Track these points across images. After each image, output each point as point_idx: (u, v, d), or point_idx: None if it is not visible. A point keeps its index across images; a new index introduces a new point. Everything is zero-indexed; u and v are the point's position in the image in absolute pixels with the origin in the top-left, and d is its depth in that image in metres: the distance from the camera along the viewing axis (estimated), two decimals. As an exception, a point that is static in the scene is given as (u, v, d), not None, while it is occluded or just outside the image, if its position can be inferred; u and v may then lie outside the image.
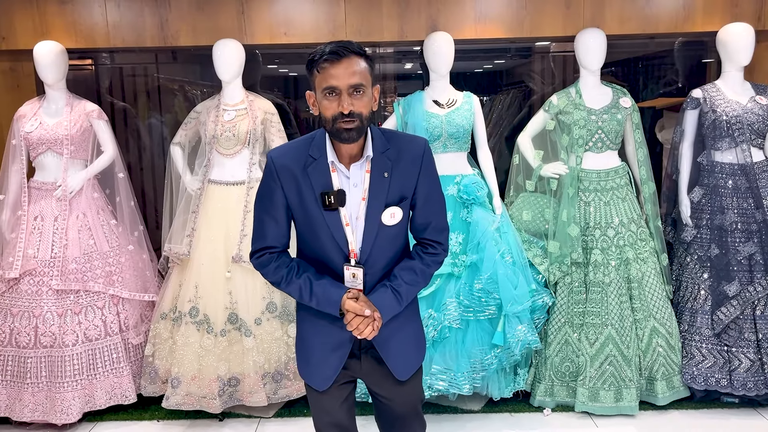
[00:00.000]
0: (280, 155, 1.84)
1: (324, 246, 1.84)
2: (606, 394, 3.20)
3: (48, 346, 3.17)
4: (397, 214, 1.83)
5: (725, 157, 3.28)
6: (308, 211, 1.82)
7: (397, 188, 1.83)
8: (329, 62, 1.71)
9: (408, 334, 1.97)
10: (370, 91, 1.77)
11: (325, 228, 1.81)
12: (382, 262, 1.87)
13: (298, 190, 1.81)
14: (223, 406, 3.17)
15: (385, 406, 2.04)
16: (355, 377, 2.01)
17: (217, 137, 3.31)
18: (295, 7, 3.48)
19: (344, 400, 2.01)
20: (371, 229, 1.82)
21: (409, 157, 1.84)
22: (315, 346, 1.93)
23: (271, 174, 1.83)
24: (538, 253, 3.34)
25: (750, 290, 3.19)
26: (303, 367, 1.98)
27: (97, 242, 3.32)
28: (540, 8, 3.48)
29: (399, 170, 1.83)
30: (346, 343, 1.90)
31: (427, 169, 1.87)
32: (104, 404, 3.24)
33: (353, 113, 1.72)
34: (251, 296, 3.23)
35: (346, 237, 1.83)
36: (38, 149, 3.30)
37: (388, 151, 1.83)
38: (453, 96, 3.36)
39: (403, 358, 1.95)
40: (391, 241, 1.87)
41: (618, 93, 3.39)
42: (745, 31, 3.24)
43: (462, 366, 3.13)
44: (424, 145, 1.87)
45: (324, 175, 1.81)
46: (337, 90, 1.72)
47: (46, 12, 3.49)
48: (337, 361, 1.91)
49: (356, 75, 1.72)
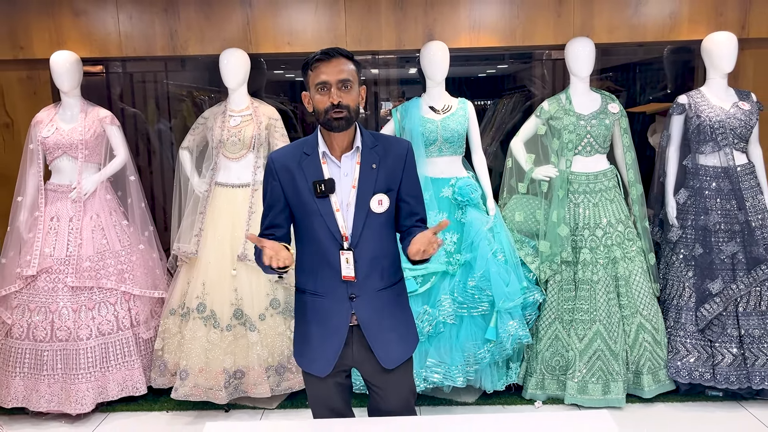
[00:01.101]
0: (278, 156, 2.06)
1: (318, 233, 2.01)
2: (594, 387, 3.34)
3: (63, 340, 3.33)
4: (384, 201, 2.02)
5: (709, 160, 3.41)
6: (303, 200, 2.01)
7: (384, 179, 2.03)
8: (321, 61, 1.95)
9: (397, 322, 2.11)
10: (357, 88, 1.99)
11: (318, 215, 1.99)
12: (370, 249, 2.02)
13: (293, 183, 2.01)
14: (229, 397, 3.32)
15: (378, 396, 2.16)
16: (349, 366, 2.12)
17: (224, 142, 3.47)
18: (298, 18, 3.64)
19: (341, 388, 2.15)
20: (361, 215, 2.00)
21: (395, 155, 2.06)
22: (313, 332, 2.07)
23: (271, 172, 2.05)
24: (529, 252, 3.48)
25: (732, 288, 3.32)
26: (301, 355, 2.12)
27: (110, 242, 3.48)
28: (532, 18, 3.62)
29: (386, 164, 2.04)
30: (342, 329, 2.04)
31: (411, 166, 2.09)
32: (116, 395, 3.39)
33: (341, 104, 1.93)
34: (256, 293, 3.38)
35: (337, 222, 2.00)
36: (54, 153, 3.47)
37: (376, 147, 2.05)
38: (448, 102, 3.51)
39: (388, 347, 2.07)
40: (378, 230, 2.03)
41: (606, 99, 3.53)
42: (729, 40, 3.38)
43: (456, 359, 3.27)
44: (408, 145, 2.11)
45: (316, 167, 2.01)
46: (328, 84, 1.94)
47: (62, 23, 3.67)
48: (336, 345, 2.04)
49: (344, 72, 1.95)
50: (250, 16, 3.64)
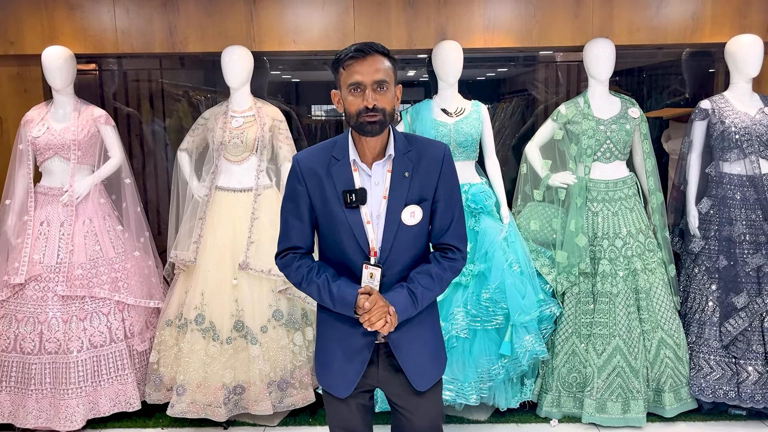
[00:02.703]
0: (304, 158, 1.90)
1: (345, 246, 1.87)
2: (613, 406, 3.18)
3: (53, 353, 3.15)
4: (417, 213, 1.86)
5: (733, 168, 3.28)
6: (331, 210, 1.86)
7: (417, 188, 1.87)
8: (355, 59, 1.79)
9: (427, 343, 1.97)
10: (393, 88, 1.84)
11: (346, 226, 1.85)
12: (400, 263, 1.89)
13: (321, 190, 1.86)
14: (228, 414, 3.15)
15: (404, 419, 2.01)
16: (373, 386, 1.99)
17: (225, 144, 3.30)
18: (305, 15, 3.48)
19: (362, 409, 2.02)
20: (391, 228, 1.86)
21: (430, 160, 1.89)
22: (335, 351, 1.94)
23: (297, 176, 1.89)
24: (545, 262, 3.33)
25: (758, 302, 3.18)
26: (323, 373, 1.98)
27: (103, 248, 3.31)
28: (549, 17, 3.48)
29: (420, 171, 1.87)
30: (366, 349, 1.91)
31: (447, 172, 1.90)
32: (108, 411, 3.22)
33: (377, 108, 1.78)
34: (257, 304, 3.21)
35: (367, 235, 1.86)
36: (45, 154, 3.30)
37: (410, 152, 1.88)
38: (461, 105, 3.36)
39: (421, 368, 1.93)
40: (410, 243, 1.89)
41: (627, 103, 3.38)
42: (754, 43, 3.25)
43: (469, 376, 3.11)
44: (445, 149, 1.92)
45: (346, 175, 1.86)
46: (362, 85, 1.79)
47: (55, 17, 3.49)
48: (358, 366, 1.91)
49: (380, 72, 1.79)
50: (254, 13, 3.48)
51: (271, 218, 3.27)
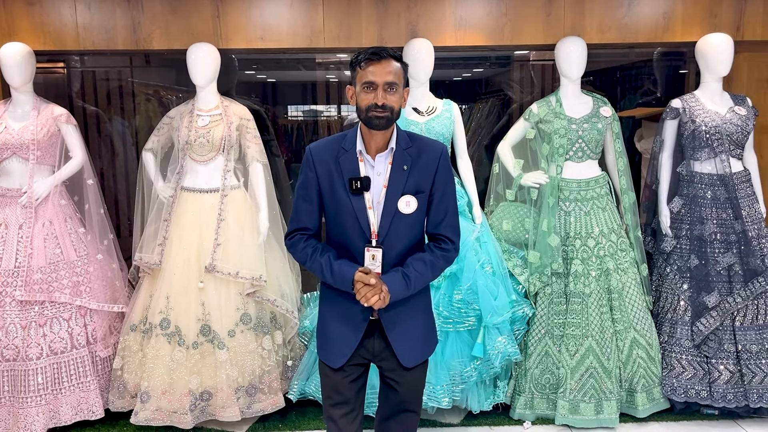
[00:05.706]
0: (317, 148, 2.11)
1: (348, 228, 2.07)
2: (586, 407, 3.16)
3: (11, 360, 3.05)
4: (412, 203, 2.07)
5: (704, 167, 3.27)
6: (337, 195, 2.07)
7: (414, 181, 2.07)
8: (370, 62, 2.01)
9: (418, 325, 2.16)
10: (401, 90, 2.05)
11: (350, 211, 2.06)
12: (397, 247, 2.08)
13: (330, 177, 2.08)
14: (195, 421, 3.06)
15: (391, 389, 2.22)
16: (368, 360, 2.18)
17: (191, 143, 3.22)
18: (273, 12, 3.41)
19: (355, 380, 2.18)
20: (389, 214, 2.06)
21: (429, 157, 2.10)
22: (335, 325, 2.14)
23: (309, 164, 2.10)
24: (518, 263, 3.29)
25: (729, 301, 3.18)
26: (322, 346, 2.19)
27: (64, 251, 3.20)
28: (521, 16, 3.45)
29: (418, 166, 2.08)
30: (361, 324, 2.11)
31: (444, 169, 2.11)
32: (70, 420, 3.12)
33: (386, 105, 2.00)
34: (225, 307, 3.13)
35: (369, 219, 2.06)
36: (3, 154, 3.18)
37: (410, 148, 2.10)
38: (433, 103, 3.31)
39: (409, 347, 2.13)
40: (406, 229, 2.08)
41: (598, 102, 3.36)
42: (725, 42, 3.25)
43: (441, 379, 3.07)
44: (443, 148, 2.14)
45: (353, 164, 2.07)
46: (375, 85, 2.00)
47: (13, 12, 3.37)
48: (353, 339, 2.11)
49: (391, 74, 2.01)
50: (221, 9, 3.39)
51: (238, 219, 3.20)
